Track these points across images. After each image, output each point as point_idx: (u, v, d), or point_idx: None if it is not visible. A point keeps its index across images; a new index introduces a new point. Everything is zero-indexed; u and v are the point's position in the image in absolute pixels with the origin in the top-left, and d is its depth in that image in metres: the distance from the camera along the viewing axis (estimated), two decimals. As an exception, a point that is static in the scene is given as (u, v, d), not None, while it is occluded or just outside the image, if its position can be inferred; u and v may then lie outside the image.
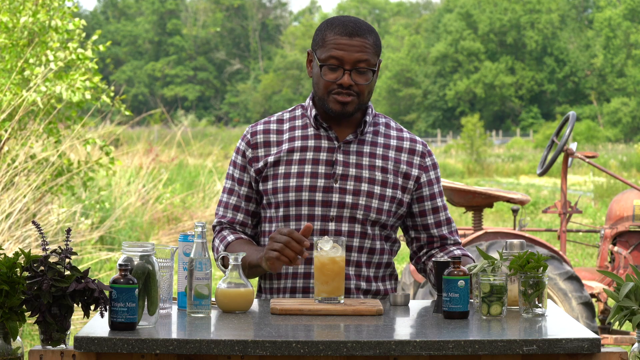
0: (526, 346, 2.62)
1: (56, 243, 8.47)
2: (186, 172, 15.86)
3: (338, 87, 3.25)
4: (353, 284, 3.29)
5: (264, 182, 3.33)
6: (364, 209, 3.28)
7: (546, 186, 24.61)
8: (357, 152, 3.32)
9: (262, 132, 3.37)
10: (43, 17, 8.36)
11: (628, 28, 55.72)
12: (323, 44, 3.26)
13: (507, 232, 6.52)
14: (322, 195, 3.28)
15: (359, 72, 3.25)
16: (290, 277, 3.30)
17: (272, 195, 3.31)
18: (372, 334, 2.71)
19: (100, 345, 2.62)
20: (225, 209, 3.39)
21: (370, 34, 3.27)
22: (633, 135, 51.87)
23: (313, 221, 3.27)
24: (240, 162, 3.38)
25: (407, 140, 3.38)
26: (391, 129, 3.40)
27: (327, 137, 3.33)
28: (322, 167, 3.30)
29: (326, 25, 3.29)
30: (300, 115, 3.39)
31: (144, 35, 73.16)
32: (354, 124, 3.36)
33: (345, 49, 3.23)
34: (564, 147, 6.75)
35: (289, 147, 3.33)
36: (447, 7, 65.19)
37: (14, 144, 8.40)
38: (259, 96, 66.39)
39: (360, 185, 3.28)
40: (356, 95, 3.26)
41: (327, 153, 3.31)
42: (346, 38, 3.24)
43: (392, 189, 3.31)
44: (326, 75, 3.25)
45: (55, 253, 2.74)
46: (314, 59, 3.30)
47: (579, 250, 12.31)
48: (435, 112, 61.29)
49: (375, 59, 3.29)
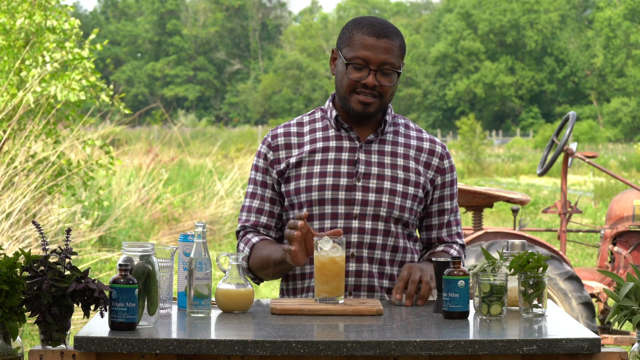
0: (526, 346, 2.62)
1: (56, 243, 8.47)
2: (186, 172, 15.86)
3: (362, 86, 3.26)
4: (376, 283, 3.30)
5: (286, 183, 3.34)
6: (387, 207, 3.29)
7: (546, 186, 24.61)
8: (378, 151, 3.34)
9: (283, 134, 3.38)
10: (39, 19, 8.36)
11: (628, 28, 55.73)
12: (350, 43, 3.27)
13: (507, 232, 6.52)
14: (344, 193, 3.29)
15: (384, 74, 3.26)
16: (308, 278, 3.32)
17: (294, 196, 3.31)
18: (372, 334, 2.71)
19: (100, 345, 2.62)
20: (249, 212, 3.40)
21: (397, 36, 3.28)
22: (633, 135, 51.87)
23: (336, 219, 3.28)
24: (262, 165, 3.39)
25: (427, 141, 3.40)
26: (411, 130, 3.41)
27: (349, 137, 3.34)
28: (345, 166, 3.31)
29: (354, 25, 3.30)
30: (320, 118, 3.40)
31: (144, 35, 73.16)
32: (375, 125, 3.37)
33: (372, 50, 3.24)
34: (564, 147, 6.75)
35: (310, 148, 3.34)
36: (447, 7, 65.20)
37: (13, 144, 8.40)
38: (259, 96, 66.39)
39: (383, 183, 3.30)
40: (379, 96, 3.28)
41: (349, 153, 3.33)
42: (373, 39, 3.24)
43: (414, 187, 3.33)
44: (351, 74, 3.26)
45: (55, 253, 2.74)
46: (339, 57, 3.30)
47: (579, 250, 12.31)
48: (435, 112, 61.30)
49: (400, 61, 3.29)
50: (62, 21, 8.52)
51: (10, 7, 8.50)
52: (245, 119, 65.91)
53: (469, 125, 34.11)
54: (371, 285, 3.30)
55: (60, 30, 8.50)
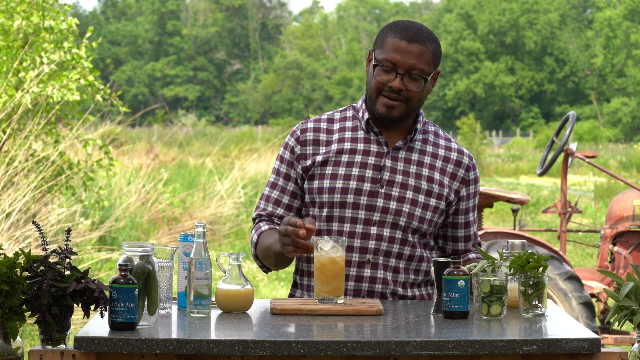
0: (526, 346, 2.62)
1: (56, 243, 8.47)
2: (186, 172, 15.86)
3: (388, 89, 3.25)
4: (390, 289, 3.30)
5: (310, 180, 3.33)
6: (407, 217, 3.28)
7: (546, 186, 24.61)
8: (405, 159, 3.32)
9: (312, 129, 3.37)
10: (37, 19, 8.35)
11: (628, 28, 55.72)
12: (382, 45, 3.27)
13: (507, 232, 6.52)
14: (366, 199, 3.28)
15: (412, 78, 3.24)
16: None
17: (317, 195, 3.31)
18: (372, 334, 2.71)
19: (100, 345, 2.62)
20: (267, 202, 3.39)
21: (430, 42, 3.26)
22: (633, 135, 51.87)
23: (356, 224, 3.28)
24: (288, 157, 3.38)
25: (455, 152, 3.39)
26: (440, 138, 3.40)
27: (377, 141, 3.33)
28: (370, 171, 3.30)
29: (389, 27, 3.29)
30: (351, 117, 3.39)
31: (144, 35, 73.16)
32: (404, 130, 3.35)
33: (401, 53, 3.23)
34: (564, 147, 6.75)
35: (337, 148, 3.33)
36: (447, 7, 65.21)
37: (13, 143, 8.39)
38: (259, 96, 66.39)
39: (406, 193, 3.29)
40: (404, 100, 3.26)
41: (376, 158, 3.31)
42: (405, 43, 3.23)
43: (437, 199, 3.32)
44: (379, 75, 3.26)
45: (55, 253, 2.74)
46: (372, 58, 3.30)
47: (579, 250, 12.31)
48: (435, 112, 61.30)
49: (432, 68, 3.27)
50: (60, 21, 8.51)
51: (9, 7, 8.49)
52: (245, 119, 65.91)
53: (469, 125, 34.11)
54: (384, 292, 3.29)
55: (58, 30, 8.49)
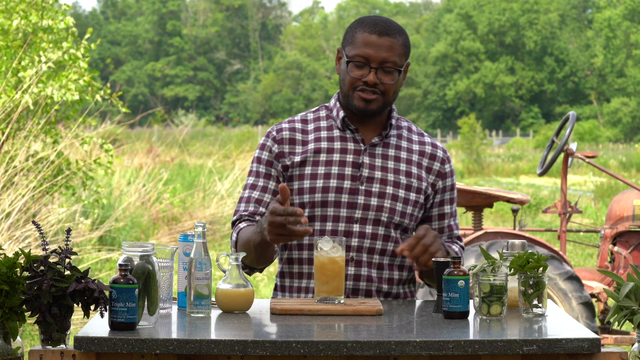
0: (526, 346, 2.62)
1: (56, 243, 8.47)
2: (186, 172, 15.86)
3: (363, 84, 3.26)
4: (375, 287, 3.29)
5: (289, 182, 3.32)
6: (389, 212, 3.29)
7: (546, 186, 24.61)
8: (382, 155, 3.33)
9: (288, 129, 3.36)
10: (35, 19, 8.35)
11: (628, 28, 55.72)
12: (352, 42, 3.28)
13: (507, 232, 6.52)
14: (347, 197, 3.28)
15: (385, 71, 3.26)
16: (306, 278, 3.30)
17: (297, 196, 3.30)
18: (372, 334, 2.71)
19: (100, 345, 2.62)
20: (247, 203, 3.35)
21: (400, 34, 3.28)
22: (633, 135, 51.87)
23: (338, 222, 3.27)
24: (266, 157, 3.35)
25: (429, 145, 3.40)
26: (413, 133, 3.41)
27: (353, 139, 3.34)
28: (349, 169, 3.30)
29: (357, 24, 3.30)
30: (324, 116, 3.39)
31: (144, 35, 73.16)
32: (379, 126, 3.36)
33: (373, 48, 3.24)
34: (564, 147, 6.75)
35: (314, 148, 3.33)
36: (447, 8, 65.21)
37: (13, 143, 8.39)
38: (259, 96, 66.39)
39: (386, 188, 3.29)
40: (381, 94, 3.27)
41: (354, 155, 3.32)
42: (375, 36, 3.25)
43: (416, 193, 3.33)
44: (352, 71, 3.27)
45: (55, 253, 2.74)
46: (343, 56, 3.31)
47: (579, 250, 12.31)
48: (435, 112, 61.29)
49: (403, 60, 3.29)
50: (58, 21, 8.51)
51: (9, 7, 8.49)
52: (245, 119, 65.91)
53: (469, 125, 34.10)
54: (369, 290, 3.28)
55: (56, 29, 8.49)
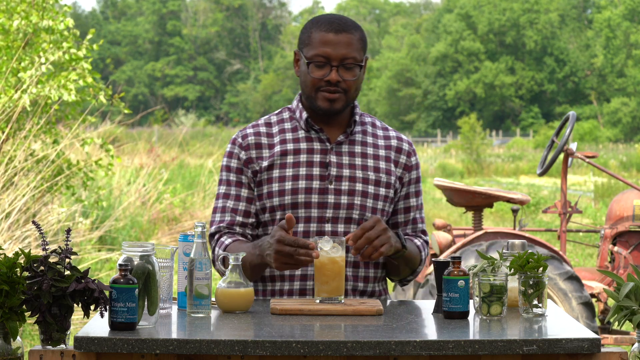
0: (526, 346, 2.62)
1: (56, 243, 8.47)
2: (186, 172, 15.86)
3: (326, 83, 3.25)
4: (350, 285, 3.29)
5: (259, 186, 3.31)
6: (360, 209, 3.28)
7: (546, 186, 24.61)
8: (349, 152, 3.32)
9: (253, 134, 3.34)
10: (35, 19, 8.35)
11: (628, 28, 55.72)
12: (309, 42, 3.26)
13: (507, 232, 6.52)
14: (317, 197, 3.27)
15: (346, 68, 3.25)
16: (288, 279, 3.29)
17: (267, 200, 3.29)
18: (372, 334, 2.71)
19: (100, 345, 2.62)
20: (223, 213, 3.33)
21: (356, 30, 3.27)
22: (633, 135, 51.87)
23: (309, 223, 3.27)
24: (235, 165, 3.34)
25: (394, 139, 3.40)
26: (378, 128, 3.41)
27: (319, 139, 3.32)
28: (317, 169, 3.29)
29: (312, 24, 3.29)
30: (288, 118, 3.38)
31: (144, 35, 73.16)
32: (343, 124, 3.35)
33: (331, 46, 3.23)
34: (564, 147, 6.75)
35: (281, 150, 3.31)
36: (447, 8, 65.20)
37: (12, 143, 8.39)
38: (259, 96, 66.40)
39: (355, 186, 3.29)
40: (343, 91, 3.26)
41: (321, 155, 3.31)
42: (332, 35, 3.23)
43: (385, 188, 3.33)
44: (313, 72, 3.25)
45: (55, 253, 2.74)
46: (301, 58, 3.29)
47: (579, 250, 12.31)
48: (435, 112, 61.29)
49: (362, 54, 3.28)
50: (58, 21, 8.51)
51: (9, 7, 8.49)
52: (245, 119, 65.91)
53: (470, 125, 34.09)
54: (345, 289, 3.27)
55: (57, 30, 8.49)
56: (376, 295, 3.35)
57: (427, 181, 28.36)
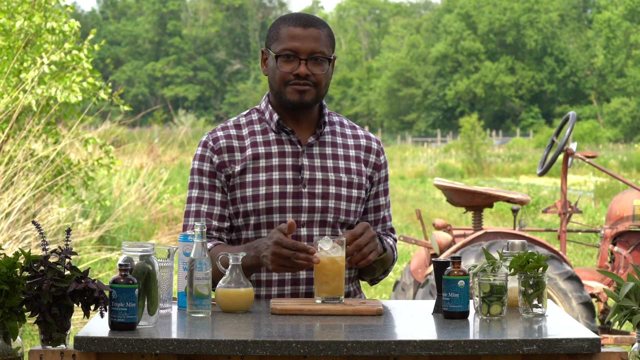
0: (526, 346, 2.62)
1: (56, 243, 8.47)
2: (186, 172, 15.86)
3: (295, 77, 3.22)
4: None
5: (232, 191, 3.27)
6: (334, 212, 3.26)
7: (546, 186, 24.61)
8: (320, 154, 3.30)
9: (224, 137, 3.29)
10: (38, 20, 8.35)
11: (628, 28, 55.72)
12: (277, 38, 3.24)
13: (507, 232, 6.52)
14: (292, 201, 3.24)
15: (315, 62, 3.23)
16: (280, 285, 3.28)
17: (240, 204, 3.25)
18: (372, 334, 2.71)
19: (100, 345, 2.62)
20: (197, 217, 3.28)
21: (323, 26, 3.26)
22: (633, 135, 51.88)
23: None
24: (208, 168, 3.28)
25: (363, 138, 3.37)
26: (346, 127, 3.38)
27: (290, 141, 3.29)
28: (289, 172, 3.26)
29: (280, 21, 3.27)
30: (257, 120, 3.34)
31: (144, 35, 73.18)
32: (313, 125, 3.32)
33: (300, 40, 3.21)
34: (564, 147, 6.75)
35: (252, 154, 3.27)
36: (447, 7, 65.21)
37: (13, 143, 8.40)
38: (259, 96, 66.40)
39: (328, 188, 3.26)
40: (313, 85, 3.23)
41: (292, 158, 3.28)
42: (300, 29, 3.22)
43: (357, 189, 3.31)
44: (282, 66, 3.23)
45: (55, 253, 2.74)
46: (269, 55, 3.27)
47: (579, 250, 12.31)
48: (435, 112, 61.29)
49: (331, 51, 3.26)
50: (62, 22, 8.51)
51: (10, 7, 8.49)
52: (245, 119, 65.82)
53: (471, 124, 34.09)
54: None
55: (59, 31, 8.49)
56: (352, 296, 3.33)
57: (427, 181, 28.36)
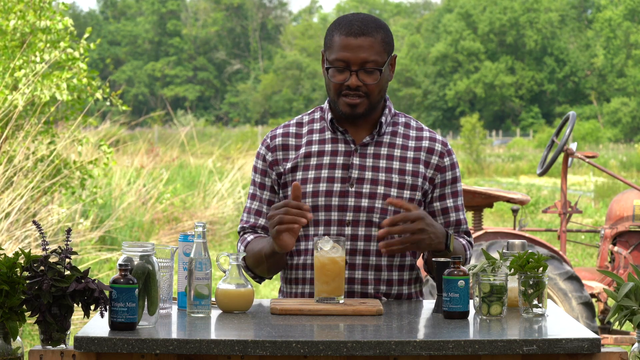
0: (526, 346, 2.62)
1: (56, 243, 8.47)
2: (187, 172, 15.87)
3: (346, 88, 3.21)
4: (372, 289, 3.24)
5: (284, 189, 3.31)
6: (381, 212, 3.23)
7: (546, 186, 24.61)
8: (374, 154, 3.28)
9: (282, 135, 3.34)
10: (32, 19, 8.34)
11: (628, 28, 55.72)
12: (331, 46, 3.23)
13: (507, 232, 6.52)
14: (338, 200, 3.24)
15: (367, 72, 3.20)
16: (310, 283, 3.28)
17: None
18: (372, 334, 2.71)
19: (100, 345, 2.62)
20: (249, 214, 3.37)
21: (377, 31, 3.22)
22: (633, 135, 51.87)
23: (329, 226, 3.24)
24: (261, 166, 3.35)
25: (427, 140, 3.33)
26: (411, 129, 3.34)
27: (344, 140, 3.30)
28: (339, 171, 3.26)
29: (334, 26, 3.25)
30: (318, 118, 3.36)
31: (144, 35, 73.15)
32: (371, 125, 3.31)
33: (350, 50, 3.19)
34: (564, 147, 6.75)
35: (305, 152, 3.30)
36: (447, 7, 65.21)
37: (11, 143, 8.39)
38: (259, 96, 66.39)
39: (377, 189, 3.24)
40: (365, 96, 3.22)
41: (344, 157, 3.28)
42: (352, 38, 3.19)
43: (411, 191, 3.26)
44: (334, 77, 3.22)
45: (55, 253, 2.74)
46: (325, 61, 3.27)
47: (579, 250, 12.31)
48: (435, 112, 61.28)
49: (385, 56, 3.22)
50: (56, 21, 8.50)
51: (6, 7, 8.48)
52: (245, 119, 65.91)
53: (472, 124, 34.09)
54: (365, 293, 3.24)
55: (54, 30, 8.48)
56: (405, 298, 3.29)
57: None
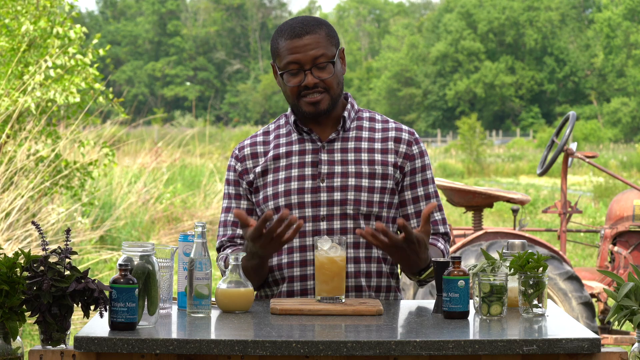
0: (526, 346, 2.62)
1: (56, 243, 8.48)
2: (187, 172, 15.87)
3: (304, 89, 3.24)
4: (353, 282, 3.26)
5: (256, 193, 3.32)
6: (354, 204, 3.25)
7: (546, 186, 24.61)
8: (341, 149, 3.31)
9: (249, 145, 3.37)
10: (44, 24, 8.35)
11: (628, 28, 55.73)
12: (279, 53, 3.26)
13: (507, 232, 6.52)
14: (310, 196, 3.26)
15: (320, 68, 3.23)
16: (288, 281, 3.29)
17: (263, 205, 3.29)
18: (372, 334, 2.71)
19: (100, 345, 2.62)
20: (225, 227, 3.37)
21: (320, 27, 3.26)
22: (633, 135, 51.89)
23: (305, 223, 3.25)
24: (232, 177, 3.37)
25: (393, 130, 3.35)
26: (376, 122, 3.37)
27: (310, 139, 3.32)
28: (308, 168, 3.29)
29: (277, 34, 3.28)
30: (284, 124, 3.38)
31: (144, 35, 73.18)
32: (334, 122, 3.34)
33: (299, 51, 3.22)
34: (564, 147, 6.75)
35: (274, 154, 3.32)
36: (447, 7, 65.21)
37: (13, 144, 8.40)
38: (258, 96, 66.40)
39: (348, 181, 3.27)
40: (325, 91, 3.25)
41: (312, 154, 3.30)
42: (297, 40, 3.22)
43: (382, 180, 3.28)
44: (290, 81, 3.25)
45: (55, 253, 2.74)
46: (277, 70, 3.30)
47: (579, 250, 12.31)
48: (435, 112, 61.30)
49: (333, 50, 3.26)
50: (67, 28, 8.51)
51: (15, 10, 8.49)
52: (245, 119, 65.92)
53: (469, 125, 34.09)
54: (346, 286, 3.24)
55: (65, 36, 8.49)
56: (384, 292, 3.30)
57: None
